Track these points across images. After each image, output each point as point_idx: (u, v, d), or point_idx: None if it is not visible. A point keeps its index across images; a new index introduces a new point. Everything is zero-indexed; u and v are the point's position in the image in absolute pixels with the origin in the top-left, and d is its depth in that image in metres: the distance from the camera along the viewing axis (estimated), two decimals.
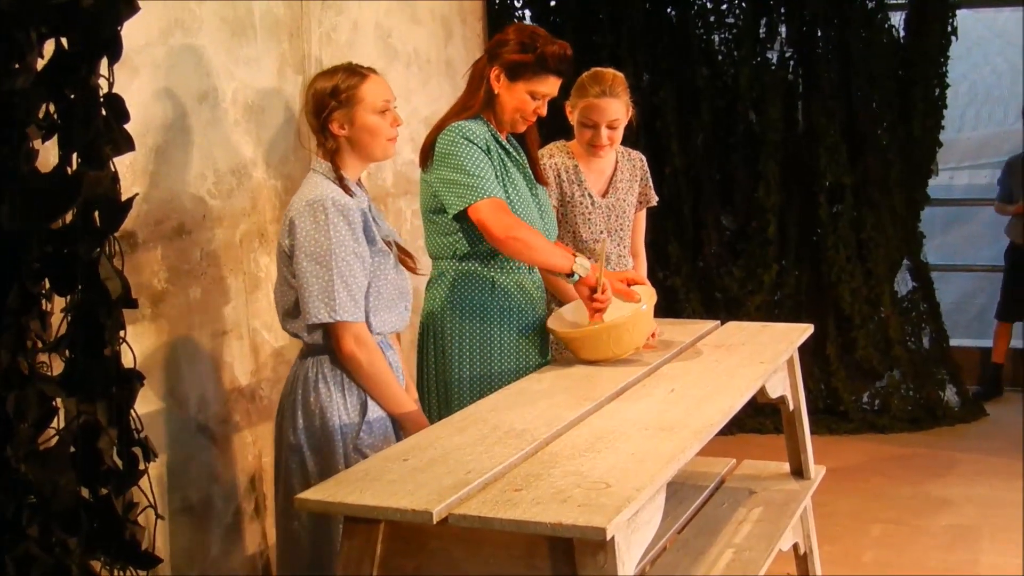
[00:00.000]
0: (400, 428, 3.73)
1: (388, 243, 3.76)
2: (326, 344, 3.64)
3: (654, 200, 4.86)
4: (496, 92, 4.08)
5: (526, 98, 4.08)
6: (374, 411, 3.68)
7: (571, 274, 4.02)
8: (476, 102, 4.06)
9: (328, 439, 3.61)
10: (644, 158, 4.84)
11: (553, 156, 4.60)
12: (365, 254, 3.61)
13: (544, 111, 4.11)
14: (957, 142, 18.98)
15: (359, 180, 3.80)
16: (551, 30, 7.62)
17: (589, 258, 4.11)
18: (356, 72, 3.70)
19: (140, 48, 3.80)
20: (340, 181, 3.65)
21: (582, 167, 4.62)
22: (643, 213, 4.88)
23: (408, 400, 3.73)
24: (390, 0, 5.39)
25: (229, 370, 4.29)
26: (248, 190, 4.37)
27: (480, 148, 4.01)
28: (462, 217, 3.95)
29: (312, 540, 3.64)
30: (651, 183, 4.84)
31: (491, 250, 4.02)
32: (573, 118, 4.59)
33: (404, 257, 3.86)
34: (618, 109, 4.52)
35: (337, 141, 3.68)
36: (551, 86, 4.08)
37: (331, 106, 3.65)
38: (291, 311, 3.67)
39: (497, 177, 4.03)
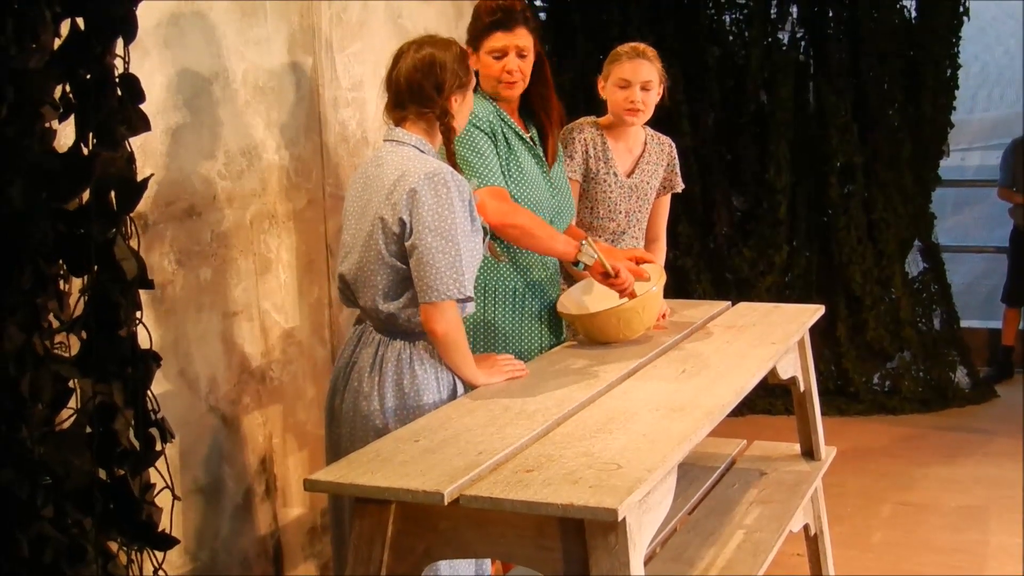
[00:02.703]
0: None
1: (482, 224, 3.65)
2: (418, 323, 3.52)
3: (679, 187, 4.80)
4: (476, 69, 4.11)
5: (490, 61, 4.10)
6: (460, 391, 3.59)
7: (576, 262, 4.02)
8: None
9: None
10: (673, 144, 4.80)
11: (583, 131, 4.57)
12: (475, 233, 3.52)
13: (514, 66, 4.09)
14: (969, 123, 18.95)
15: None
16: (561, 10, 7.68)
17: (597, 240, 4.09)
18: (464, 50, 3.64)
19: (151, 29, 3.79)
20: (451, 158, 3.57)
21: (610, 144, 4.59)
22: (667, 199, 4.83)
23: (479, 370, 3.60)
24: None
25: (239, 352, 4.29)
26: (259, 171, 4.37)
27: (484, 132, 4.01)
28: None
29: None
30: (678, 170, 4.80)
31: None
32: (605, 91, 4.57)
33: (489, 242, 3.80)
34: (650, 71, 4.51)
35: (451, 116, 3.57)
36: (501, 39, 4.08)
37: (456, 80, 3.55)
38: (388, 291, 3.51)
39: (502, 160, 4.04)
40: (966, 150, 18.43)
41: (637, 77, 4.48)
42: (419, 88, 3.54)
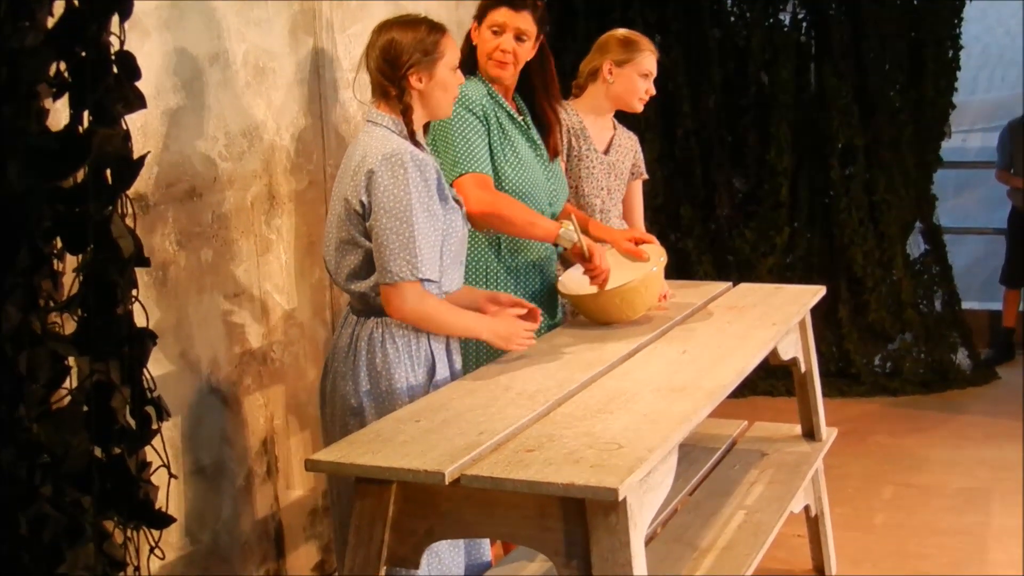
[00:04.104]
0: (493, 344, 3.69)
1: (456, 199, 3.67)
2: None
3: (645, 174, 4.91)
4: (475, 44, 4.11)
5: (488, 36, 4.13)
6: (441, 372, 3.59)
7: (557, 244, 4.02)
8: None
9: (395, 402, 3.48)
10: (635, 136, 4.93)
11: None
12: (439, 212, 3.51)
13: (509, 46, 4.10)
14: (970, 104, 18.89)
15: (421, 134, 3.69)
16: None
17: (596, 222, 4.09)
18: (437, 27, 3.59)
19: (150, 10, 3.78)
20: (412, 136, 3.56)
21: (586, 122, 4.63)
22: (638, 187, 4.89)
23: (476, 320, 3.63)
24: None
25: (240, 333, 4.29)
26: (259, 152, 4.36)
27: (475, 115, 4.01)
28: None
29: None
30: (642, 159, 4.90)
31: None
32: (617, 76, 4.61)
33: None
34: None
35: (411, 95, 3.57)
36: (503, 15, 4.09)
37: (414, 58, 3.53)
38: (357, 271, 3.56)
39: (495, 143, 4.04)
40: (967, 131, 18.39)
41: (654, 70, 4.64)
42: (380, 69, 3.59)
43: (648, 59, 4.63)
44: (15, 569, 2.82)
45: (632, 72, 4.61)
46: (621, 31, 4.72)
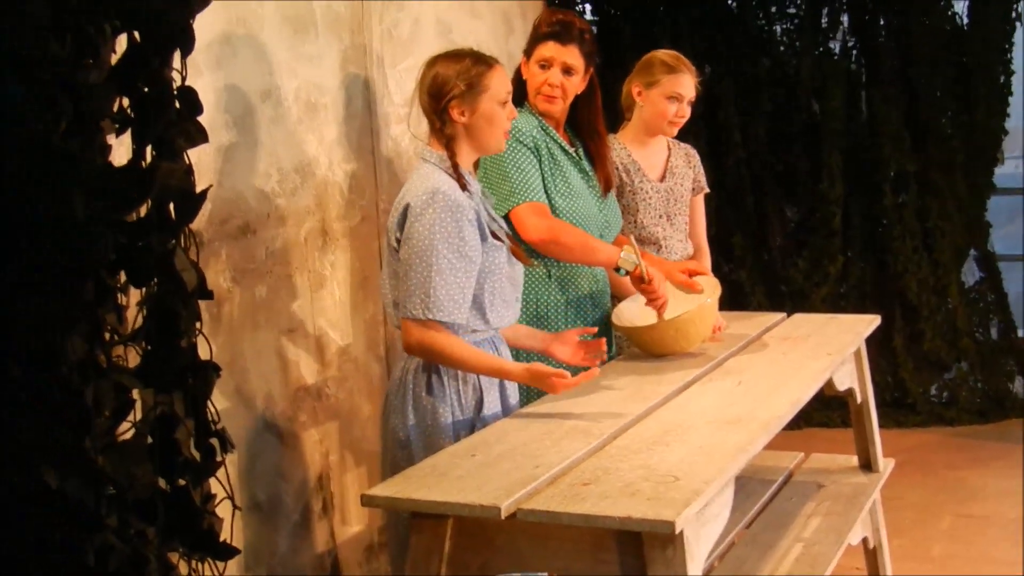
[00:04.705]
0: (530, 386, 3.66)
1: (498, 236, 3.65)
2: None
3: (707, 188, 4.84)
4: (525, 78, 4.13)
5: (536, 71, 4.15)
6: (490, 407, 3.59)
7: (617, 268, 4.01)
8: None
9: (439, 436, 3.50)
10: (694, 149, 4.86)
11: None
12: (473, 254, 3.49)
13: (557, 80, 4.12)
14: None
15: (470, 170, 3.69)
16: (610, 22, 7.69)
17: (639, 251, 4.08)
18: (483, 60, 3.60)
19: (203, 47, 3.82)
20: (455, 170, 3.55)
21: (635, 155, 4.59)
22: (700, 202, 4.83)
23: (492, 359, 3.59)
24: None
25: (295, 368, 4.31)
26: (312, 188, 4.39)
27: (527, 146, 4.02)
28: (507, 217, 3.96)
29: None
30: (703, 172, 4.83)
31: None
32: (646, 99, 4.55)
33: (516, 249, 3.74)
34: (693, 87, 4.57)
35: (455, 128, 3.57)
36: (551, 50, 4.11)
37: (455, 91, 3.53)
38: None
39: (547, 174, 4.05)
40: (1020, 157, 18.23)
41: (688, 92, 4.50)
42: (425, 102, 3.62)
43: (674, 80, 4.50)
44: None
45: (659, 95, 4.52)
46: (660, 52, 4.62)
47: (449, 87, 3.53)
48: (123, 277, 3.00)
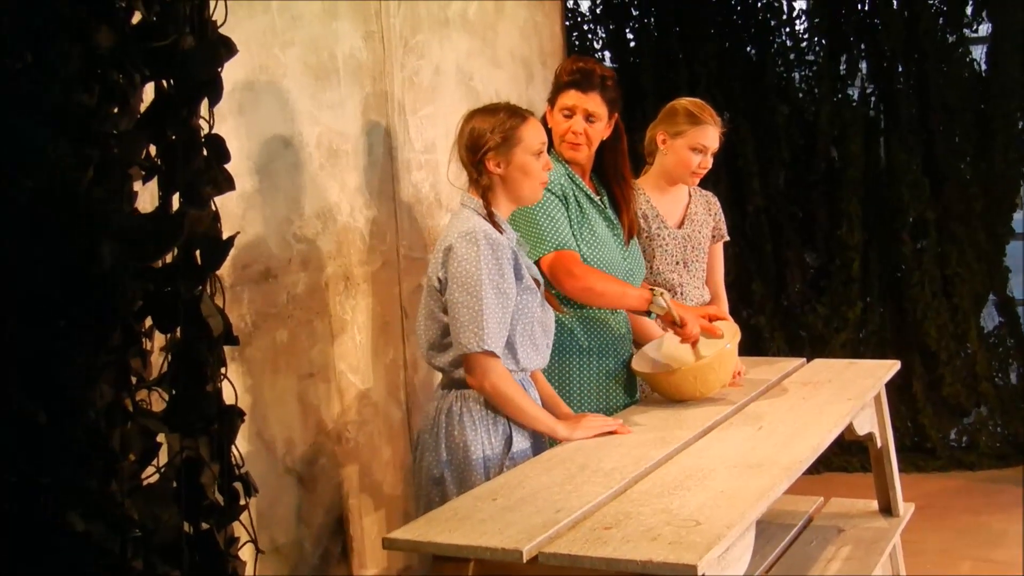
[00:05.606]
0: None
1: (536, 281, 3.77)
2: None
3: (727, 236, 4.86)
4: (550, 126, 4.16)
5: (559, 119, 4.19)
6: (519, 444, 3.67)
7: (648, 312, 4.05)
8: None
9: (472, 473, 3.59)
10: (715, 196, 4.86)
11: None
12: (510, 291, 3.60)
13: (580, 127, 4.16)
14: None
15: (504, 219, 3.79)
16: (630, 70, 7.72)
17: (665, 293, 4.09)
18: (517, 113, 3.72)
19: (225, 94, 3.83)
20: (491, 217, 3.67)
21: (654, 200, 4.61)
22: (719, 250, 4.86)
23: (548, 416, 3.69)
24: (471, 43, 5.44)
25: (315, 412, 4.33)
26: (333, 233, 4.42)
27: (555, 194, 4.06)
28: (538, 264, 3.99)
29: None
30: (723, 219, 4.84)
31: None
32: (670, 147, 4.58)
33: (549, 295, 3.88)
34: (717, 139, 4.60)
35: (491, 178, 3.70)
36: (573, 98, 4.16)
37: (490, 143, 3.66)
38: (436, 344, 3.70)
39: (573, 222, 4.07)
40: None
41: (713, 144, 4.53)
42: (463, 156, 3.74)
43: (701, 132, 4.54)
44: None
45: (683, 145, 4.55)
46: (686, 100, 4.65)
47: (484, 140, 3.66)
48: (149, 321, 3.02)
